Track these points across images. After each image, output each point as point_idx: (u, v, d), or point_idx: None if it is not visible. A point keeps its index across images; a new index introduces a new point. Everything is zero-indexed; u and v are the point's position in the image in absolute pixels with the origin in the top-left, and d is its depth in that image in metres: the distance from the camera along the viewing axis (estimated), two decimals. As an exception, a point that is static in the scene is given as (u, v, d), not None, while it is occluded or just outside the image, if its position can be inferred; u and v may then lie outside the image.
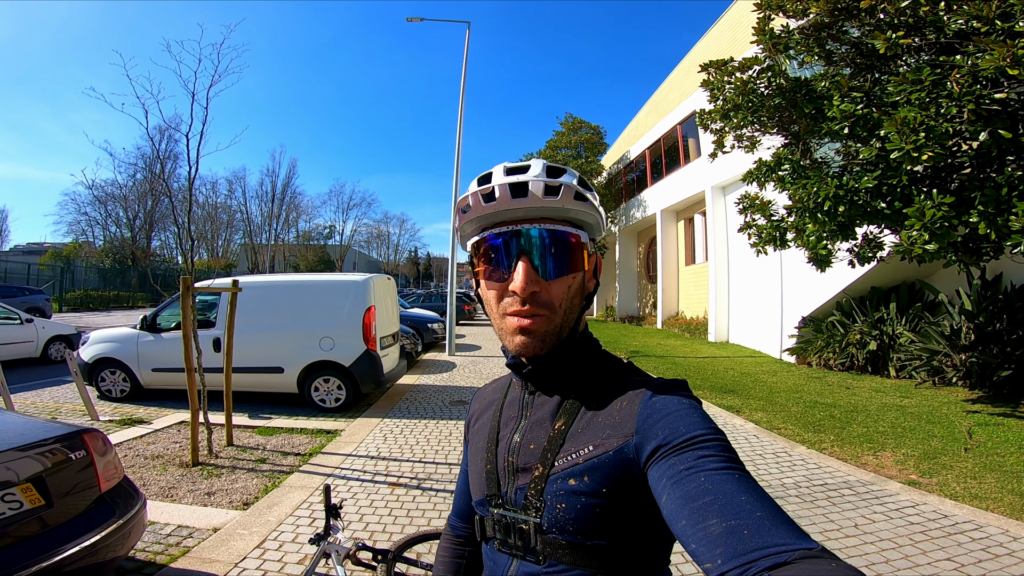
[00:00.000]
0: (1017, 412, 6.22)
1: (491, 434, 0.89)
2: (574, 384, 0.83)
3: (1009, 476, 4.36)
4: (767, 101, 6.06)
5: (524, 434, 0.83)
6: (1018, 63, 3.53)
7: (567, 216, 0.80)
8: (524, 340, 0.78)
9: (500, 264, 0.80)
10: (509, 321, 0.79)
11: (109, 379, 7.46)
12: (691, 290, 18.28)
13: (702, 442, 0.64)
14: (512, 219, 0.79)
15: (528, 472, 0.79)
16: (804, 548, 0.50)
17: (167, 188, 20.79)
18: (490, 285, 0.82)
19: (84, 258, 34.49)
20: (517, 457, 0.82)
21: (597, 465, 0.72)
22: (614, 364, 0.86)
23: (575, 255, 0.80)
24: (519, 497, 0.79)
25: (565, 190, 0.77)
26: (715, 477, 0.59)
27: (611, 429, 0.74)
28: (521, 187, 0.77)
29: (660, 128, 19.64)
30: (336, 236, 55.29)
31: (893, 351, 8.79)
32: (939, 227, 4.13)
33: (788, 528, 0.53)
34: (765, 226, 6.05)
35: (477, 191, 0.79)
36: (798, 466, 4.79)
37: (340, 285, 7.39)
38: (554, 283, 0.78)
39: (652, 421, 0.70)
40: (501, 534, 0.81)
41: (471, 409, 1.02)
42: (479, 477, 0.87)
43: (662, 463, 0.65)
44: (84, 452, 2.54)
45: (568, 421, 0.79)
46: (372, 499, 4.13)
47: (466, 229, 0.85)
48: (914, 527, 3.54)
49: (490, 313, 0.83)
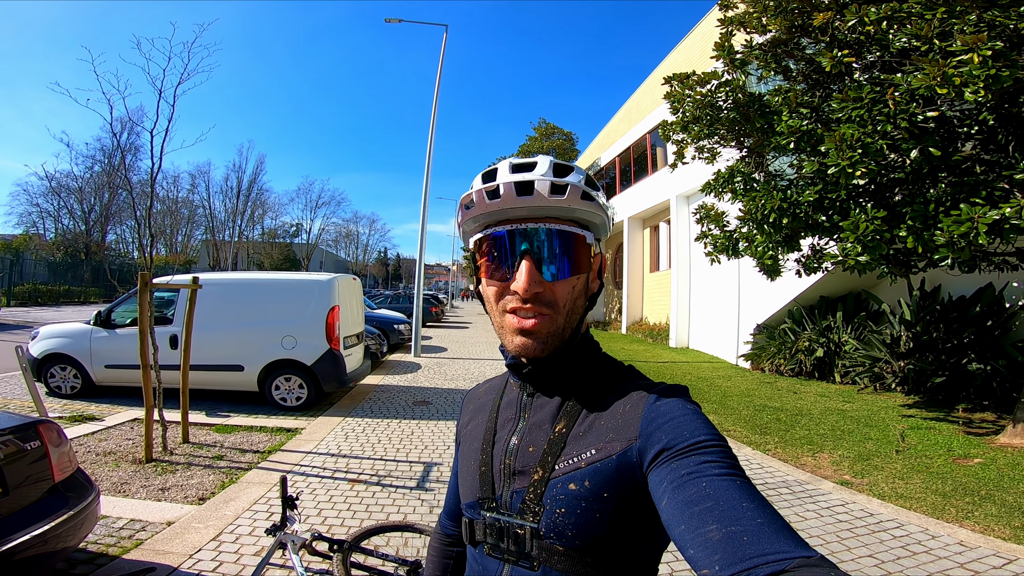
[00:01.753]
0: (949, 417, 6.65)
1: (486, 435, 0.87)
2: (575, 386, 0.81)
3: (934, 477, 4.68)
4: (723, 114, 6.35)
5: (523, 436, 0.81)
6: (947, 82, 3.68)
7: (573, 216, 0.78)
8: (524, 341, 0.76)
9: (503, 262, 0.78)
10: (509, 320, 0.77)
11: (59, 375, 7.25)
12: (655, 296, 18.73)
13: (705, 447, 0.64)
14: (516, 217, 0.78)
15: (526, 475, 0.77)
16: (803, 556, 0.50)
17: (127, 182, 20.18)
18: (491, 283, 0.80)
19: (34, 251, 32.99)
20: (515, 460, 0.80)
21: (600, 469, 0.71)
22: (615, 367, 0.85)
23: (580, 256, 0.78)
24: (515, 501, 0.77)
25: (572, 189, 0.75)
26: (716, 483, 0.59)
27: (614, 433, 0.73)
28: (527, 185, 0.75)
29: (630, 136, 20.08)
30: (303, 234, 54.44)
31: (839, 357, 9.26)
32: (871, 240, 4.44)
33: (788, 536, 0.53)
34: (719, 236, 6.33)
35: (481, 188, 0.77)
36: (743, 466, 5.04)
37: (304, 284, 7.37)
38: (558, 284, 0.77)
39: (656, 425, 0.70)
40: (493, 538, 0.79)
41: (463, 410, 1.01)
42: (472, 479, 0.85)
43: (664, 467, 0.65)
44: (39, 443, 2.55)
45: (569, 424, 0.78)
46: (331, 495, 4.18)
47: (468, 226, 0.83)
48: (842, 525, 3.79)
49: (490, 311, 0.82)
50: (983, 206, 3.98)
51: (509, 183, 0.75)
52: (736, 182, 6.31)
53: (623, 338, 18.11)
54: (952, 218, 4.05)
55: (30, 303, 25.43)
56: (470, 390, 1.04)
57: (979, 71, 3.45)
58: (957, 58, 3.63)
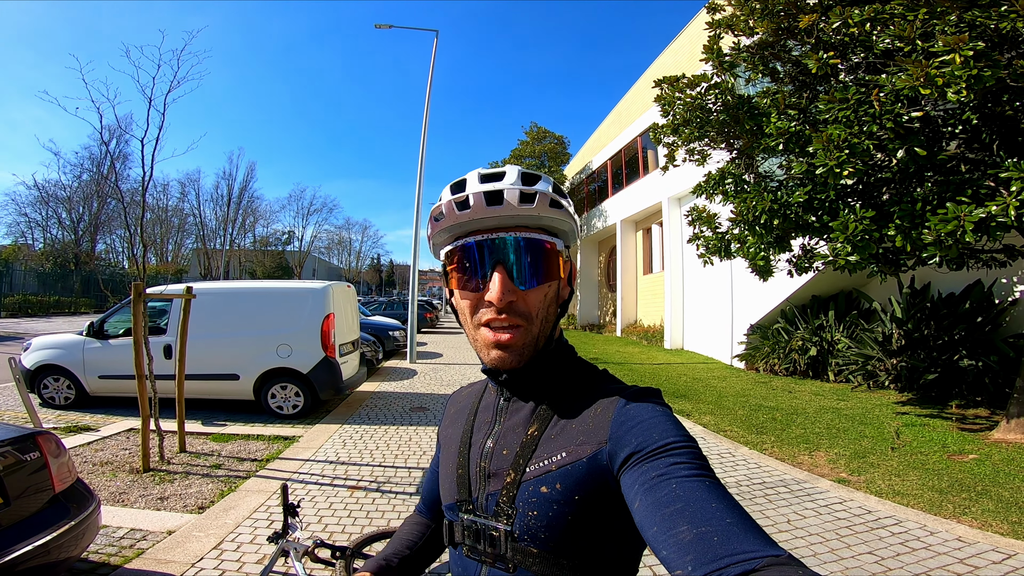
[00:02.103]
0: (943, 413, 6.73)
1: (463, 438, 0.89)
2: (549, 391, 0.83)
3: (930, 474, 4.73)
4: (713, 117, 6.43)
5: (497, 439, 0.83)
6: (930, 82, 3.74)
7: (542, 224, 0.79)
8: (500, 355, 0.77)
9: (475, 273, 0.78)
10: (484, 334, 0.78)
11: (52, 386, 7.20)
12: (649, 299, 18.81)
13: (674, 449, 0.65)
14: (487, 227, 0.78)
15: (500, 478, 0.78)
16: (772, 555, 0.51)
17: (116, 190, 20.05)
18: (464, 295, 0.80)
19: (23, 261, 32.67)
20: (489, 462, 0.81)
21: (570, 472, 0.72)
22: (589, 371, 0.86)
23: (551, 263, 0.79)
24: (490, 503, 0.78)
25: (540, 198, 0.76)
26: (686, 484, 0.60)
27: (585, 436, 0.74)
28: (496, 195, 0.76)
29: (622, 139, 20.20)
30: (295, 242, 54.16)
31: (832, 356, 9.35)
32: (860, 240, 4.51)
33: (756, 535, 0.54)
34: (711, 238, 6.39)
35: (451, 199, 0.78)
36: (740, 466, 5.09)
37: (298, 292, 7.37)
38: (531, 292, 0.77)
39: (626, 428, 0.70)
40: (471, 540, 0.80)
41: (446, 412, 1.02)
42: (450, 481, 0.86)
43: (635, 470, 0.66)
44: (38, 454, 2.55)
45: (541, 427, 0.79)
46: (331, 502, 4.18)
47: (439, 238, 0.83)
48: (840, 522, 3.83)
49: (464, 324, 0.82)
50: (969, 204, 4.06)
51: (479, 193, 0.76)
52: (727, 184, 6.38)
53: (618, 341, 18.17)
54: (939, 217, 4.12)
55: (20, 314, 25.20)
56: (454, 392, 1.06)
57: (961, 71, 3.52)
58: (939, 59, 3.70)
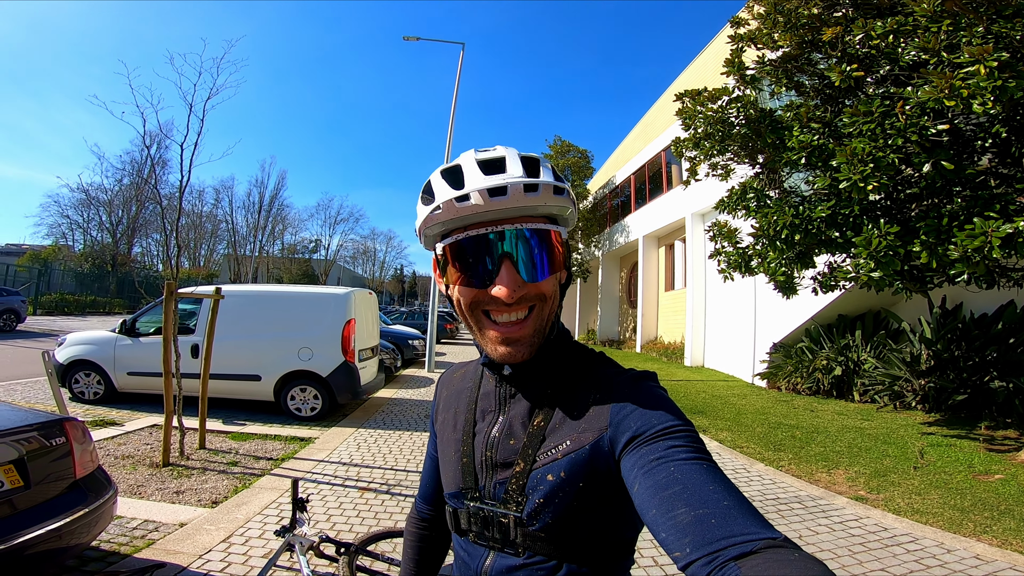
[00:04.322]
0: (972, 435, 6.49)
1: (466, 427, 0.88)
2: (551, 380, 0.83)
3: (953, 493, 4.57)
4: (735, 131, 6.39)
5: (503, 429, 0.82)
6: (955, 94, 3.66)
7: (544, 212, 0.77)
8: (509, 350, 0.76)
9: (478, 269, 0.75)
10: (491, 331, 0.77)
11: (83, 381, 7.45)
12: (670, 315, 18.59)
13: (672, 433, 0.66)
14: (488, 220, 0.75)
15: (509, 467, 0.79)
16: (768, 538, 0.52)
17: (156, 194, 20.81)
18: (465, 291, 0.77)
19: (62, 261, 33.94)
20: (496, 452, 0.81)
21: (575, 460, 0.73)
22: (587, 355, 0.86)
23: (555, 252, 0.78)
24: (499, 491, 0.79)
25: (544, 187, 0.74)
26: (684, 467, 0.61)
27: (586, 423, 0.75)
28: (500, 189, 0.72)
29: (645, 154, 20.14)
30: (321, 250, 55.15)
31: (858, 376, 9.09)
32: (884, 256, 4.41)
33: (754, 518, 0.55)
34: (732, 253, 6.33)
35: (451, 198, 0.73)
36: (754, 482, 4.97)
37: (321, 297, 7.51)
38: (539, 283, 0.76)
39: (625, 414, 0.72)
40: (478, 527, 0.81)
41: (437, 394, 1.01)
42: (453, 469, 0.87)
43: (634, 453, 0.67)
44: (64, 439, 2.65)
45: (547, 417, 0.79)
46: (341, 501, 4.22)
47: (433, 230, 0.79)
48: (854, 538, 3.72)
49: (463, 316, 0.81)
50: (997, 219, 3.95)
51: (483, 190, 0.72)
52: (749, 199, 6.32)
53: (637, 357, 17.98)
54: (966, 232, 4.01)
55: (56, 312, 26.09)
56: (443, 373, 1.05)
57: (986, 82, 3.45)
58: (964, 70, 3.63)
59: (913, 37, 4.29)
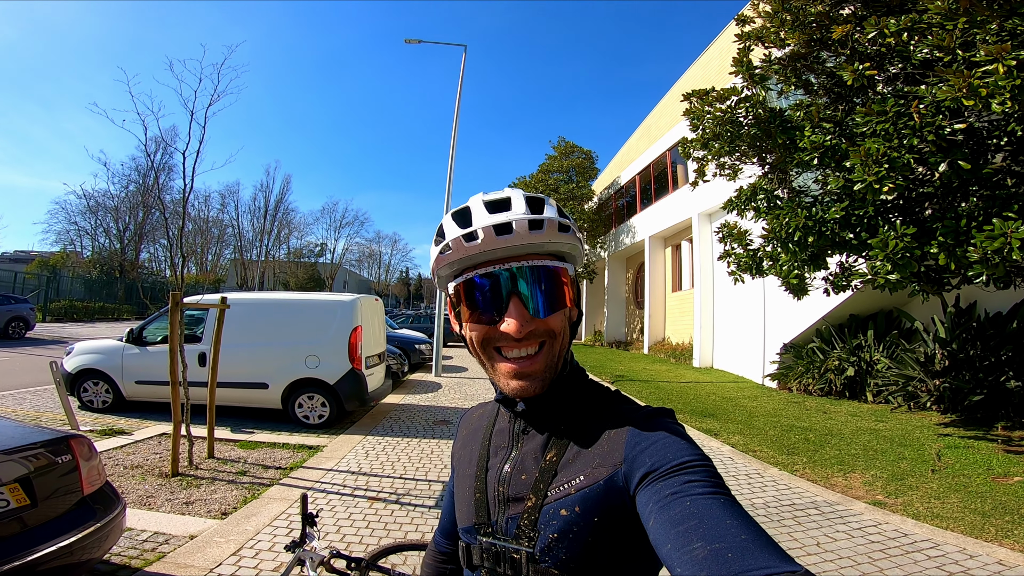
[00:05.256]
0: (989, 436, 6.39)
1: (480, 462, 0.89)
2: (564, 415, 0.83)
3: (973, 496, 4.49)
4: (744, 131, 6.31)
5: (515, 465, 0.83)
6: (974, 93, 3.57)
7: (551, 249, 0.79)
8: (521, 384, 0.77)
9: (488, 308, 0.77)
10: (503, 366, 0.78)
11: (92, 390, 7.46)
12: (677, 316, 18.49)
13: (689, 468, 0.65)
14: (496, 258, 0.77)
15: (521, 502, 0.79)
16: (788, 571, 0.50)
17: (160, 202, 20.94)
18: (475, 328, 0.79)
19: (71, 268, 34.18)
20: (508, 487, 0.81)
21: (588, 495, 0.73)
22: (602, 393, 0.86)
23: (563, 289, 0.79)
24: (511, 527, 0.79)
25: (549, 224, 0.76)
26: (701, 502, 0.60)
27: (601, 459, 0.75)
28: (506, 226, 0.75)
29: (650, 154, 20.05)
30: (327, 254, 55.38)
31: (870, 377, 8.98)
32: (901, 257, 4.32)
33: (772, 551, 0.53)
34: (742, 255, 6.24)
35: (459, 236, 0.76)
36: (769, 487, 4.90)
37: (327, 304, 7.49)
38: (548, 320, 0.78)
39: (640, 449, 0.71)
40: (490, 563, 0.80)
41: (458, 433, 1.02)
42: (467, 505, 0.87)
43: (650, 488, 0.66)
44: (70, 456, 2.62)
45: (560, 452, 0.79)
46: (351, 512, 4.18)
47: (444, 271, 0.81)
48: (874, 545, 3.65)
49: (476, 354, 0.82)
50: (1016, 220, 3.86)
51: (488, 227, 0.75)
52: (759, 200, 6.24)
53: (645, 358, 17.88)
54: (985, 233, 3.92)
55: (65, 319, 26.27)
56: (465, 412, 1.06)
57: (1005, 81, 3.37)
58: (982, 68, 3.55)
59: (927, 35, 4.20)
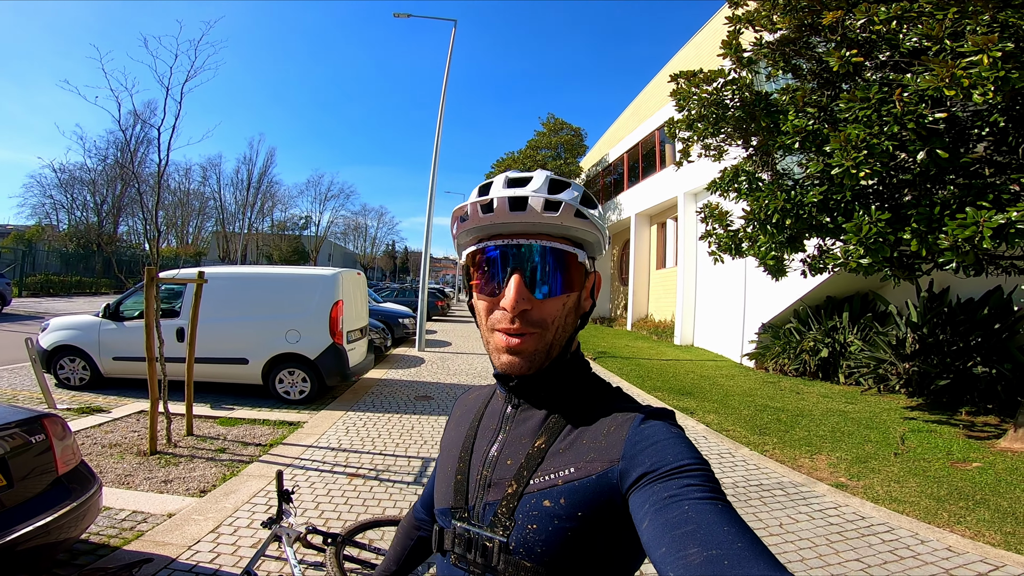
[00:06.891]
0: (952, 420, 6.61)
1: (465, 443, 0.87)
2: (560, 403, 0.82)
3: (931, 481, 4.66)
4: (730, 113, 6.30)
5: (502, 448, 0.82)
6: (956, 83, 3.59)
7: (567, 233, 0.78)
8: (511, 359, 0.77)
9: (494, 277, 0.78)
10: (497, 338, 0.78)
11: (68, 367, 7.36)
12: (661, 294, 18.67)
13: (688, 471, 0.64)
14: (510, 232, 0.78)
15: (500, 488, 0.77)
16: None
17: (134, 177, 20.42)
18: (482, 297, 0.80)
19: (47, 242, 33.36)
20: (492, 471, 0.80)
21: (577, 488, 0.71)
22: (603, 388, 0.85)
23: (571, 274, 0.78)
24: (487, 513, 0.77)
25: (565, 207, 0.75)
26: (698, 507, 0.59)
27: (596, 453, 0.73)
28: (520, 201, 0.75)
29: (639, 132, 19.97)
30: (312, 227, 54.64)
31: (844, 358, 9.20)
32: (874, 242, 4.40)
33: (767, 560, 0.53)
34: (723, 235, 6.29)
35: (476, 201, 0.78)
36: (739, 467, 5.04)
37: (308, 279, 7.43)
38: (547, 302, 0.77)
39: (640, 448, 0.70)
40: (461, 549, 0.78)
41: (452, 415, 1.01)
42: (446, 485, 0.85)
43: (645, 490, 0.65)
44: (43, 436, 2.61)
45: (550, 440, 0.78)
46: (329, 488, 4.23)
47: (463, 238, 0.83)
48: (832, 528, 3.79)
49: (480, 325, 0.82)
50: (989, 209, 3.93)
51: (503, 198, 0.76)
52: (740, 181, 6.27)
53: (628, 335, 18.09)
54: (957, 221, 3.99)
55: (42, 293, 25.73)
56: (461, 395, 1.05)
57: (988, 72, 3.39)
58: (967, 59, 3.57)
59: (916, 24, 4.20)
